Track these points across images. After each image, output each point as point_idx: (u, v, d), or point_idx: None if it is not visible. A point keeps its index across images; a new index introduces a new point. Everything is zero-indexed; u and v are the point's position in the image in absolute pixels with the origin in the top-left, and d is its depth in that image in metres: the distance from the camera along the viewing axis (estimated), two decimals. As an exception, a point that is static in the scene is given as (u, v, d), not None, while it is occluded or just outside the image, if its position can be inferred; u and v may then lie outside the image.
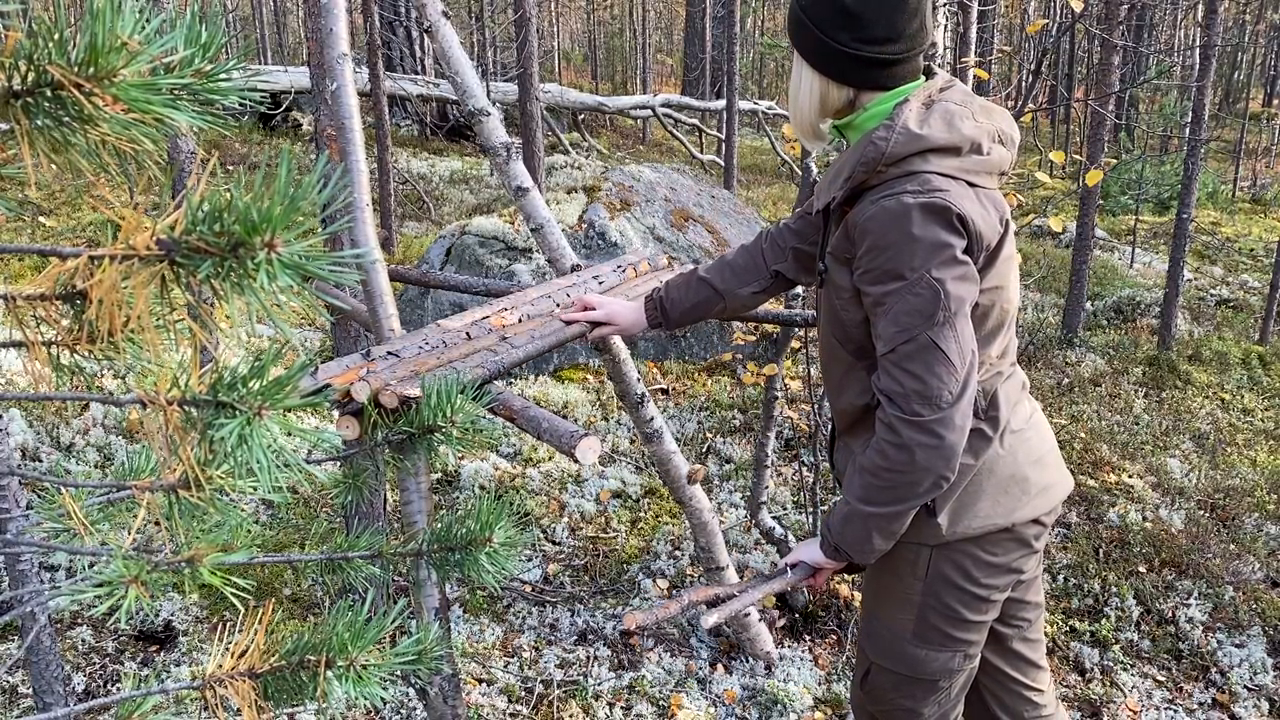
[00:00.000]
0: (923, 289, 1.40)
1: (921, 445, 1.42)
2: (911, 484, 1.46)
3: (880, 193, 1.45)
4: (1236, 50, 21.70)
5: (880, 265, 1.43)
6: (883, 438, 1.46)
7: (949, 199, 1.41)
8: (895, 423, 1.43)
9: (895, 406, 1.43)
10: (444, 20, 2.12)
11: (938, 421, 1.41)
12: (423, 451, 1.27)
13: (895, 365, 1.44)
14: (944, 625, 1.65)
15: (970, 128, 1.47)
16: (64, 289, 0.72)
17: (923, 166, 1.44)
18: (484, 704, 2.67)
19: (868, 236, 1.44)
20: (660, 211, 6.17)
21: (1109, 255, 9.19)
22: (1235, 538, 3.67)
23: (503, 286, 2.59)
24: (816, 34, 1.48)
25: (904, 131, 1.44)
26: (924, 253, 1.40)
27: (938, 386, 1.41)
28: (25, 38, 0.61)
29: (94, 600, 0.83)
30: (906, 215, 1.40)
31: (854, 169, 1.48)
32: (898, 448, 1.44)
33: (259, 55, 16.06)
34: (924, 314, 1.40)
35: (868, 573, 1.78)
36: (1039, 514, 1.64)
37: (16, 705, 2.56)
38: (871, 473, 1.49)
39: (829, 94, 1.54)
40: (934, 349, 1.41)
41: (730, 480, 4.18)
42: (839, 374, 1.65)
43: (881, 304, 1.45)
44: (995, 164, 1.51)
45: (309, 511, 3.76)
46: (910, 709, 1.73)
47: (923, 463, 1.43)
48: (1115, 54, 5.99)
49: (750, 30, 23.46)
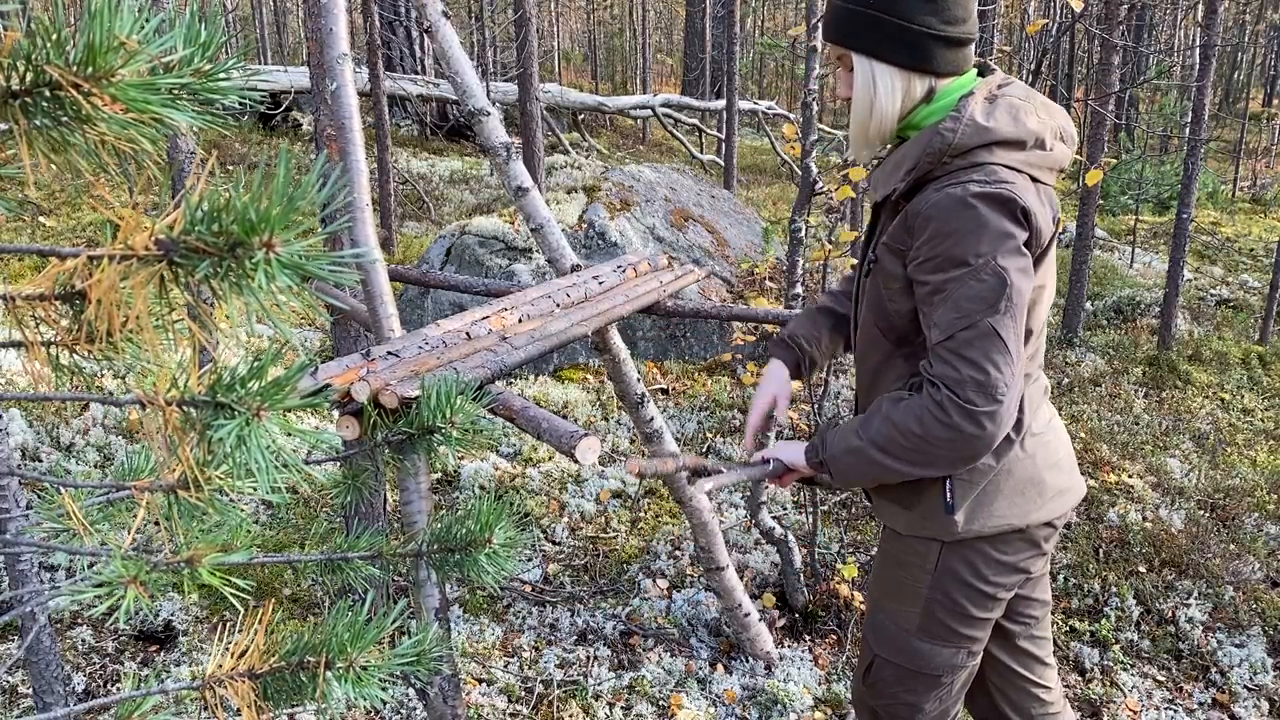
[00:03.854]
0: (987, 275, 1.39)
1: (967, 433, 1.40)
2: (937, 459, 1.45)
3: (944, 183, 1.44)
4: (1236, 50, 21.70)
5: (943, 252, 1.42)
6: (928, 409, 1.42)
7: (1014, 191, 1.41)
8: (947, 404, 1.40)
9: (949, 391, 1.41)
10: (444, 20, 2.12)
11: (989, 415, 1.39)
12: (423, 452, 1.27)
13: (952, 352, 1.41)
14: (950, 621, 1.65)
15: (1034, 122, 1.47)
16: (63, 289, 0.72)
17: (988, 158, 1.43)
18: (484, 704, 2.67)
19: (930, 224, 1.43)
20: (660, 211, 6.17)
21: (1109, 255, 9.18)
22: (1235, 538, 3.67)
23: (503, 286, 2.59)
24: (896, 23, 1.46)
25: (971, 123, 1.43)
26: (990, 239, 1.39)
27: (995, 377, 1.39)
28: (24, 37, 0.61)
29: (93, 600, 0.83)
30: (972, 203, 1.40)
31: (919, 159, 1.46)
32: (942, 425, 1.41)
33: (259, 55, 16.06)
34: (987, 301, 1.39)
35: (875, 565, 1.78)
36: (1052, 517, 1.65)
37: (16, 705, 2.56)
38: (901, 431, 1.46)
39: (911, 89, 1.51)
40: (994, 336, 1.39)
41: (730, 480, 4.17)
42: (876, 363, 1.64)
43: (941, 291, 1.42)
44: (1057, 160, 1.51)
45: (309, 512, 3.76)
46: (912, 703, 1.73)
47: (961, 447, 1.42)
48: (1115, 54, 5.98)
49: (750, 30, 23.46)
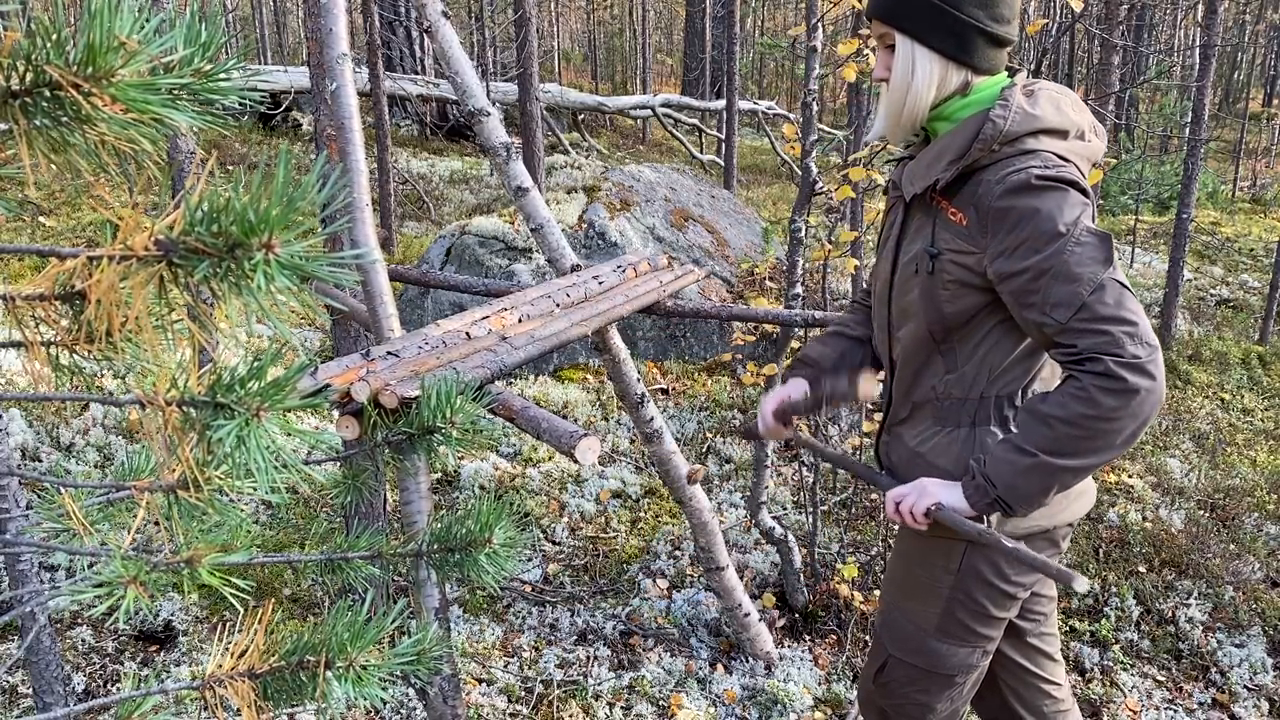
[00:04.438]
0: (1087, 238, 1.39)
1: (1143, 388, 1.35)
2: (1118, 431, 1.38)
3: (999, 170, 1.45)
4: (1236, 50, 21.70)
5: (1031, 232, 1.41)
6: (1095, 385, 1.37)
7: (1073, 174, 1.43)
8: (1113, 368, 1.35)
9: (1111, 355, 1.36)
10: (444, 20, 2.12)
11: (1153, 361, 1.36)
12: (423, 452, 1.27)
13: (1091, 319, 1.37)
14: (970, 620, 1.65)
15: (1075, 114, 1.50)
16: (63, 289, 0.72)
17: (1037, 145, 1.45)
18: (484, 704, 2.67)
19: (1010, 213, 1.42)
20: (660, 211, 6.17)
21: (1109, 255, 9.18)
22: (1235, 538, 3.67)
23: (503, 286, 2.59)
24: (947, 10, 1.47)
25: (1020, 111, 1.45)
26: (1070, 210, 1.40)
27: (1143, 324, 1.37)
28: (23, 37, 0.61)
29: (93, 600, 0.83)
30: (1040, 184, 1.41)
31: (966, 148, 1.46)
32: (1117, 394, 1.35)
33: (259, 55, 16.05)
34: (1097, 259, 1.38)
35: (891, 565, 1.77)
36: (1075, 518, 1.66)
37: (16, 705, 2.56)
38: (1071, 422, 1.39)
39: (948, 78, 1.52)
40: (1121, 288, 1.37)
41: (730, 480, 4.18)
42: (920, 362, 1.62)
43: (1046, 269, 1.39)
44: (1095, 151, 1.53)
45: (309, 511, 3.76)
46: (924, 704, 1.73)
47: (1138, 407, 1.36)
48: (1115, 54, 5.98)
49: (750, 30, 23.46)
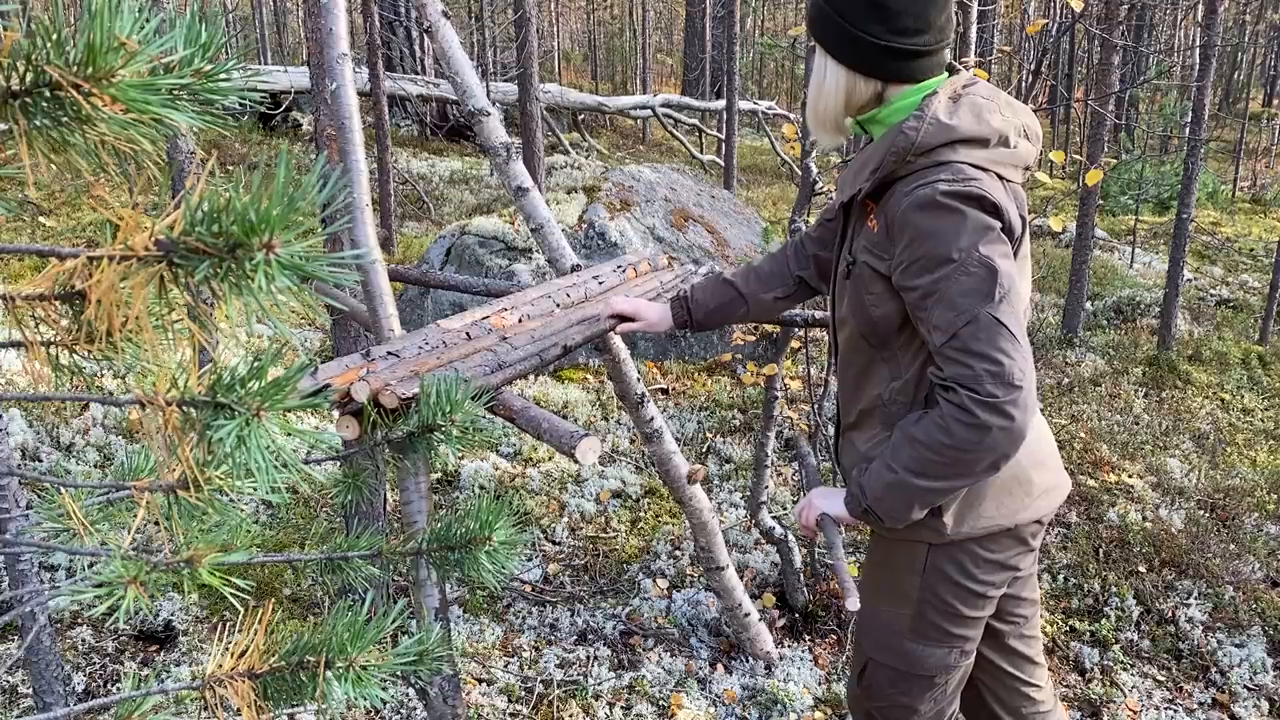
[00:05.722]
0: (975, 267, 1.39)
1: (996, 426, 1.38)
2: (973, 462, 1.42)
3: (911, 183, 1.45)
4: (1236, 50, 21.69)
5: (926, 252, 1.42)
6: (951, 416, 1.41)
7: (983, 187, 1.42)
8: (968, 403, 1.38)
9: (968, 390, 1.39)
10: (444, 20, 2.12)
11: (1012, 403, 1.37)
12: (423, 451, 1.27)
13: (959, 350, 1.40)
14: (941, 621, 1.65)
15: (998, 121, 1.48)
16: (63, 289, 0.72)
17: (952, 156, 1.44)
18: (484, 704, 2.67)
19: (908, 228, 1.43)
20: (660, 211, 6.17)
21: (1109, 255, 9.19)
22: (1235, 538, 3.67)
23: (503, 286, 2.59)
24: (845, 26, 1.48)
25: (934, 122, 1.44)
26: (969, 232, 1.40)
27: (1009, 364, 1.37)
28: (24, 37, 0.61)
29: (93, 600, 0.83)
30: (943, 202, 1.41)
31: (883, 160, 1.47)
32: (970, 427, 1.39)
33: (259, 55, 16.05)
34: (980, 292, 1.39)
35: (865, 569, 1.78)
36: (1040, 515, 1.65)
37: (16, 705, 2.56)
38: (930, 447, 1.44)
39: (856, 88, 1.53)
40: (997, 325, 1.38)
41: (730, 480, 4.18)
42: (860, 368, 1.64)
43: (933, 293, 1.42)
44: (1022, 157, 1.52)
45: (309, 511, 3.76)
46: (907, 705, 1.73)
47: (992, 444, 1.39)
48: (1115, 54, 5.98)
49: (750, 30, 23.46)
